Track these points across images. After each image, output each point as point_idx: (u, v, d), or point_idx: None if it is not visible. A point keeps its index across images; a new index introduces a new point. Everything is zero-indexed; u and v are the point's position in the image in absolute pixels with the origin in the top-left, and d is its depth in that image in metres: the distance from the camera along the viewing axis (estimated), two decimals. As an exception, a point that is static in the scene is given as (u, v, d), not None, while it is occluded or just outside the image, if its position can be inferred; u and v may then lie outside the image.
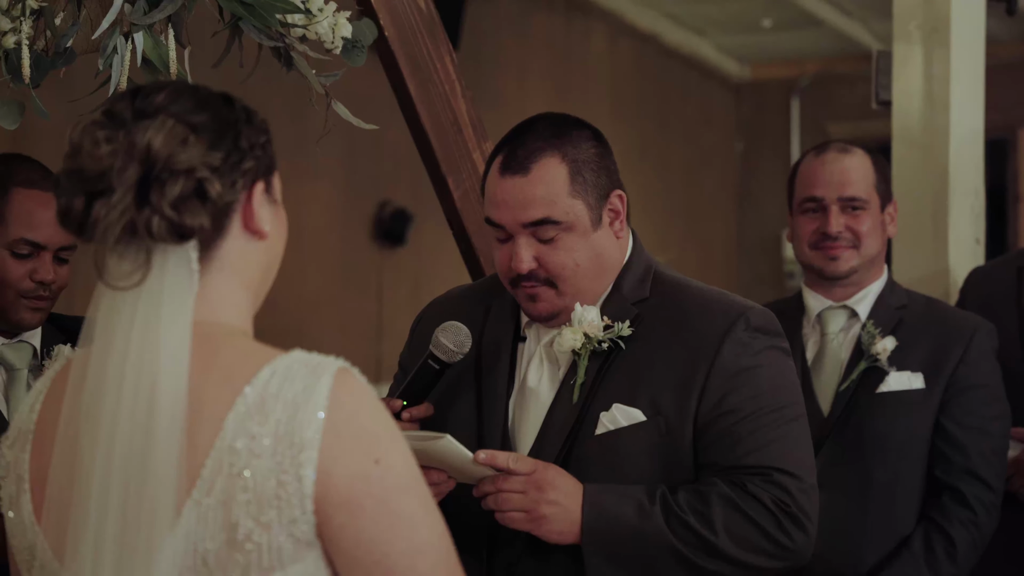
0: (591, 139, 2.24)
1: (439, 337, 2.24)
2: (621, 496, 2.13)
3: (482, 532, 2.21)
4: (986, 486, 2.89)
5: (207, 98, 1.53)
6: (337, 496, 1.45)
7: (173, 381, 1.45)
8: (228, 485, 1.44)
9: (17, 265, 2.57)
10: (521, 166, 2.19)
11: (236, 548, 1.44)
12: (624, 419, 2.17)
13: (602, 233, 2.23)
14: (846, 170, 3.01)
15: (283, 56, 2.34)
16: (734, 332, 2.18)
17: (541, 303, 2.23)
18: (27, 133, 3.16)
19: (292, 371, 1.47)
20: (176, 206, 1.45)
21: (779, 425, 2.16)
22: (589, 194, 2.20)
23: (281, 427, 1.44)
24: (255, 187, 1.55)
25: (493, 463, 2.12)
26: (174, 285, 1.48)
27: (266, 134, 1.58)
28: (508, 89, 7.18)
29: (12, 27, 2.16)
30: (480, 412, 2.27)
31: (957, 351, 2.93)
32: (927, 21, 3.61)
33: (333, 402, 1.46)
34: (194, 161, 1.47)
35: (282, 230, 1.61)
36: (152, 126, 1.47)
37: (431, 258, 6.68)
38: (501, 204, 2.20)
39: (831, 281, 3.03)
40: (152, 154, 1.46)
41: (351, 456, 1.45)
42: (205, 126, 1.50)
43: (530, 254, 2.19)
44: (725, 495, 2.12)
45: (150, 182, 1.45)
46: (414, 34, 2.77)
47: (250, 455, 1.44)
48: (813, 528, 2.16)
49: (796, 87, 9.04)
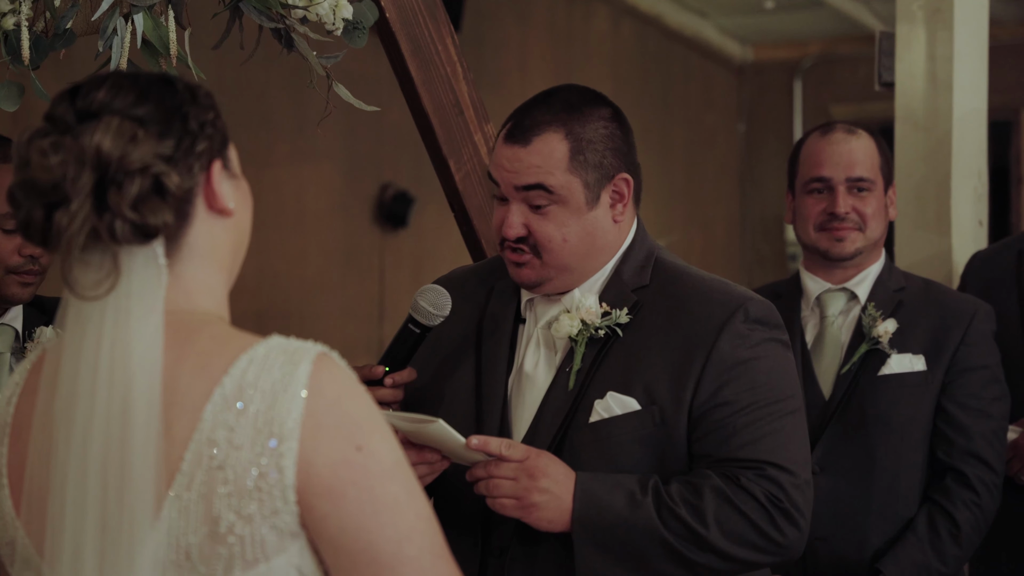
0: (606, 118, 2.23)
1: (418, 300, 2.25)
2: (613, 486, 2.12)
3: (477, 514, 2.21)
4: (988, 467, 2.89)
5: (148, 86, 1.49)
6: (319, 485, 1.43)
7: (146, 380, 1.43)
8: (208, 478, 1.42)
9: (6, 240, 2.57)
10: (524, 136, 2.20)
11: (219, 541, 1.43)
12: (618, 407, 2.16)
13: (598, 214, 2.22)
14: (853, 151, 3.00)
15: (284, 38, 2.34)
16: (732, 323, 2.16)
17: (525, 269, 2.23)
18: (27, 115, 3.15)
19: (270, 359, 1.45)
20: (136, 207, 1.43)
21: (774, 419, 2.15)
22: (588, 173, 2.20)
23: (260, 418, 1.42)
24: (213, 166, 1.52)
25: (485, 448, 2.11)
26: (143, 283, 1.45)
27: (213, 109, 1.54)
28: (509, 71, 7.16)
29: (11, 8, 2.15)
30: (479, 393, 2.26)
31: (957, 333, 2.93)
32: (930, 2, 3.60)
33: (312, 389, 1.44)
34: (147, 157, 1.44)
35: (246, 203, 1.59)
36: (99, 128, 1.44)
37: (432, 240, 6.68)
38: (499, 167, 2.23)
39: (834, 263, 3.02)
40: (103, 157, 1.43)
41: (332, 444, 1.43)
42: (151, 117, 1.46)
43: (520, 220, 2.20)
44: (718, 488, 2.11)
45: (106, 186, 1.42)
46: (415, 16, 2.76)
47: (229, 447, 1.42)
48: (806, 524, 2.15)
49: (798, 68, 9.02)
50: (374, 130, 6.27)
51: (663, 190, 8.37)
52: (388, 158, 6.59)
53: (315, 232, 6.19)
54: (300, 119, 5.93)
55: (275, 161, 5.93)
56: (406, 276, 6.61)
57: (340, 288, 6.35)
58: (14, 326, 2.65)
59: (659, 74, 8.49)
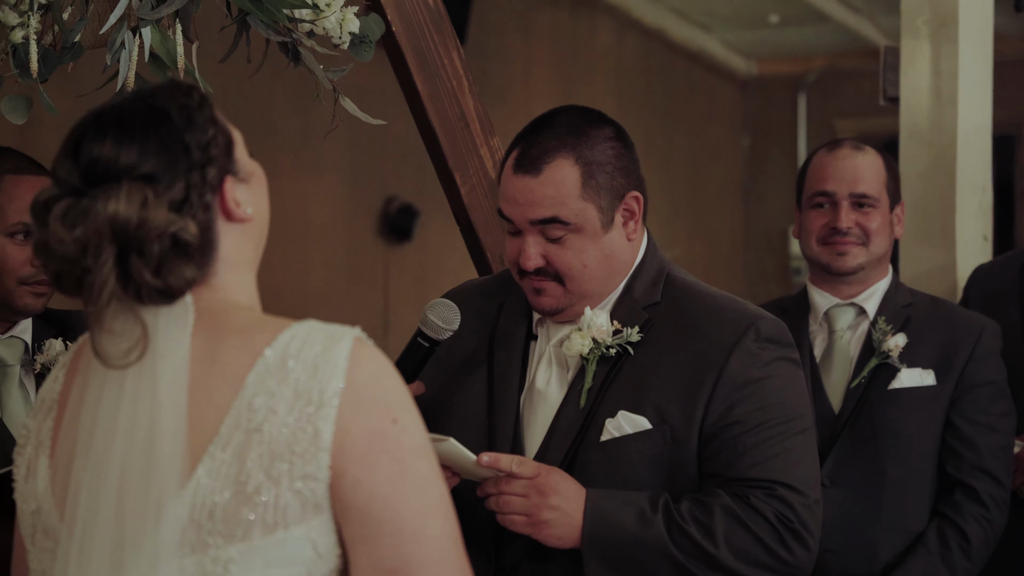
0: (611, 138, 2.22)
1: (427, 314, 2.25)
2: (623, 503, 2.12)
3: (489, 532, 2.21)
4: (997, 482, 2.90)
5: (147, 129, 1.50)
6: (354, 451, 1.46)
7: (173, 399, 1.46)
8: (245, 439, 1.46)
9: (17, 251, 2.58)
10: (534, 165, 2.17)
11: (244, 502, 1.45)
12: (630, 427, 2.16)
13: (613, 235, 2.21)
14: (859, 167, 3.01)
15: (290, 51, 2.34)
16: (743, 342, 2.16)
17: (546, 298, 2.22)
18: (34, 127, 3.16)
19: (312, 335, 1.49)
20: (159, 272, 1.46)
21: (785, 438, 2.14)
22: (601, 197, 2.18)
23: (301, 384, 1.46)
24: (224, 184, 1.54)
25: (496, 466, 2.11)
26: (169, 321, 1.48)
27: (211, 122, 1.54)
28: (514, 84, 7.17)
29: (20, 22, 2.16)
30: (491, 410, 2.26)
31: (966, 349, 2.94)
32: (935, 17, 3.60)
33: (352, 363, 1.48)
34: (161, 220, 1.46)
35: (263, 196, 1.61)
36: (111, 198, 1.45)
37: (437, 253, 6.69)
38: (511, 200, 2.20)
39: (837, 277, 3.03)
40: (119, 229, 1.44)
41: (369, 413, 1.47)
42: (158, 169, 1.48)
43: (538, 251, 2.19)
44: (728, 507, 2.11)
45: (128, 255, 1.45)
46: (421, 29, 2.77)
47: (268, 411, 1.46)
48: (815, 544, 2.15)
49: (803, 83, 9.03)
50: (379, 143, 6.28)
51: (666, 204, 8.37)
52: (393, 171, 6.60)
53: (319, 245, 6.20)
54: (305, 132, 5.94)
55: (280, 174, 5.94)
56: (410, 289, 6.62)
57: (344, 301, 6.36)
58: (24, 338, 2.66)
59: (663, 88, 8.50)
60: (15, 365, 2.64)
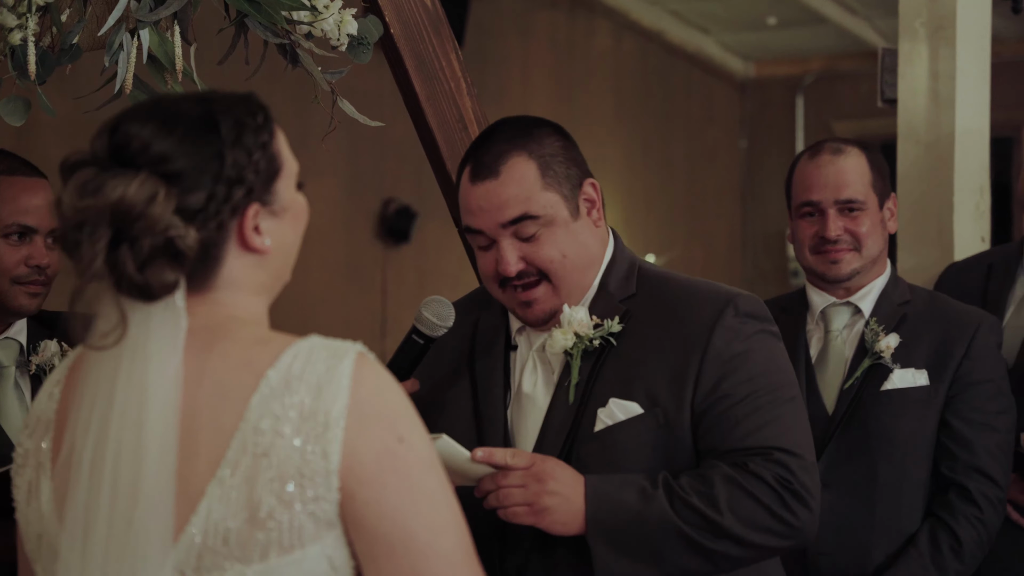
0: (554, 134, 2.25)
1: (422, 311, 2.25)
2: (623, 483, 2.13)
3: (492, 536, 2.21)
4: (992, 482, 2.89)
5: (188, 131, 1.50)
6: (362, 472, 1.46)
7: (162, 415, 1.46)
8: (253, 463, 1.45)
9: (12, 251, 2.59)
10: (490, 170, 2.19)
11: (258, 526, 1.45)
12: (622, 413, 2.18)
13: (582, 223, 2.23)
14: (841, 172, 2.98)
15: (288, 53, 2.34)
16: (724, 319, 2.19)
17: (537, 306, 2.23)
18: (33, 129, 3.16)
19: (314, 354, 1.49)
20: (142, 268, 1.45)
21: (775, 406, 2.17)
22: (562, 185, 2.21)
23: (306, 407, 1.46)
24: (248, 211, 1.53)
25: (491, 460, 2.11)
26: (161, 323, 1.48)
27: (260, 147, 1.53)
28: (512, 86, 7.18)
29: (18, 24, 2.16)
30: (479, 425, 2.27)
31: (961, 346, 2.93)
32: (932, 19, 3.60)
33: (356, 382, 1.48)
34: (162, 218, 1.45)
35: (290, 231, 1.60)
36: (122, 182, 1.45)
37: (435, 255, 6.69)
38: (477, 210, 2.20)
39: (832, 283, 3.03)
40: (120, 213, 1.44)
41: (376, 433, 1.47)
42: (182, 171, 1.48)
43: (515, 255, 2.20)
44: (728, 475, 2.12)
45: (120, 241, 1.45)
46: (420, 31, 2.77)
47: (275, 435, 1.46)
48: (816, 505, 2.16)
49: (801, 85, 9.04)
50: (377, 145, 6.28)
51: (664, 206, 8.38)
52: (391, 173, 6.60)
53: (317, 247, 6.20)
54: (304, 134, 5.93)
55: (278, 175, 5.93)
56: (408, 291, 6.62)
57: (342, 302, 6.36)
58: (19, 339, 2.66)
59: (661, 90, 8.51)
60: (10, 366, 2.64)
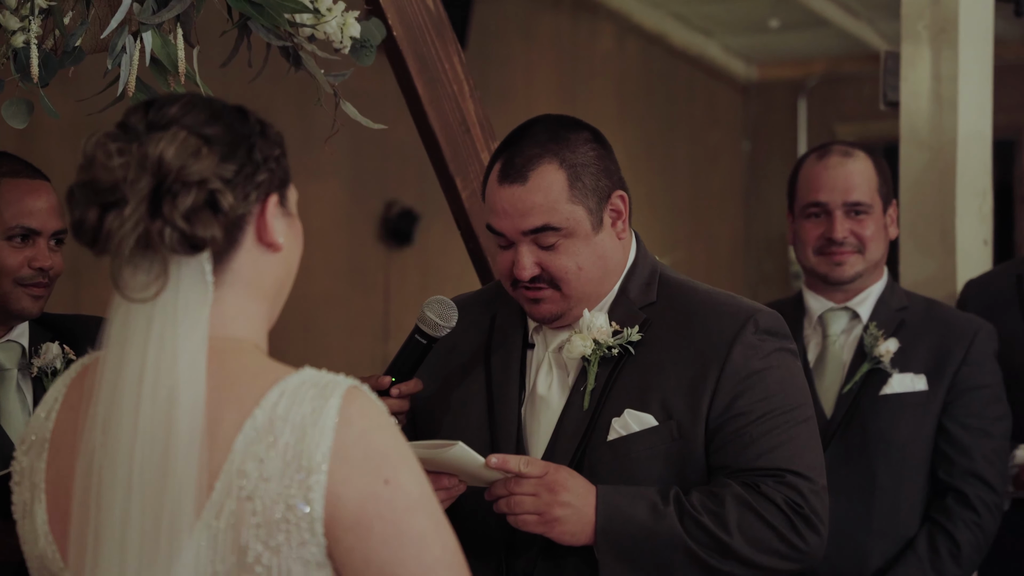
0: (589, 141, 2.23)
1: (424, 311, 2.25)
2: (634, 497, 2.13)
3: (499, 540, 2.21)
4: (989, 487, 2.89)
5: (221, 111, 1.53)
6: (347, 518, 1.44)
7: (191, 395, 1.45)
8: (238, 508, 1.44)
9: (15, 253, 2.59)
10: (519, 174, 2.18)
11: (246, 570, 1.44)
12: (636, 424, 2.17)
13: (604, 236, 2.22)
14: (850, 174, 3.00)
15: (291, 55, 2.34)
16: (744, 335, 2.18)
17: (544, 305, 2.22)
18: (35, 132, 3.16)
19: (301, 392, 1.46)
20: (188, 217, 1.45)
21: (790, 427, 2.17)
22: (589, 198, 2.19)
23: (290, 451, 1.44)
24: (269, 200, 1.54)
25: (505, 467, 2.11)
26: (189, 297, 1.47)
27: (280, 147, 1.57)
28: (515, 89, 7.18)
29: (21, 26, 2.16)
30: (492, 421, 2.26)
31: (959, 353, 2.93)
32: (935, 21, 3.60)
33: (342, 423, 1.45)
34: (206, 172, 1.47)
35: (297, 242, 1.61)
36: (164, 137, 1.46)
37: (438, 258, 6.69)
38: (501, 213, 2.20)
39: (835, 286, 3.03)
40: (164, 165, 1.45)
41: (360, 478, 1.45)
42: (218, 138, 1.49)
43: (531, 260, 2.19)
44: (739, 496, 2.13)
45: (162, 193, 1.45)
46: (422, 34, 2.77)
47: (259, 479, 1.44)
48: (825, 529, 2.17)
49: (803, 87, 9.04)
50: (380, 148, 6.28)
51: (667, 208, 8.38)
52: (394, 175, 6.60)
53: (320, 249, 6.20)
54: (306, 136, 5.94)
55: (281, 178, 5.93)
56: (411, 293, 6.62)
57: (345, 305, 6.36)
58: (21, 342, 2.67)
59: (664, 92, 8.51)
60: (12, 369, 2.65)
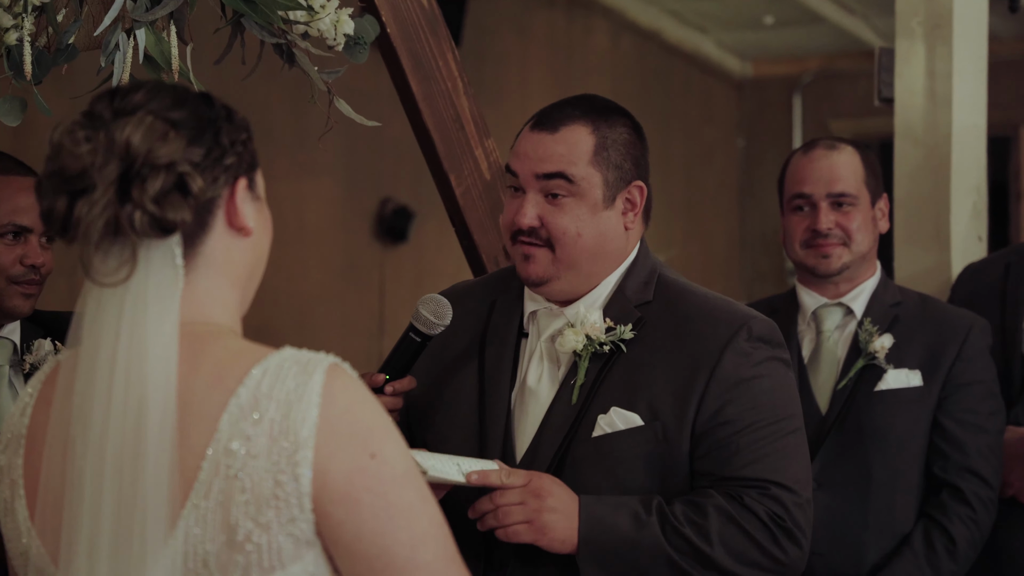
0: (629, 127, 2.28)
1: (419, 309, 2.25)
2: (616, 506, 2.13)
3: (478, 532, 2.20)
4: (984, 483, 2.90)
5: (186, 96, 1.53)
6: (335, 492, 1.45)
7: (162, 381, 1.45)
8: (226, 487, 1.44)
9: (6, 251, 2.60)
10: (552, 124, 2.23)
11: (236, 549, 1.44)
12: (622, 423, 2.17)
13: (611, 215, 2.24)
14: (834, 166, 3.00)
15: (285, 53, 2.34)
16: (736, 342, 2.17)
17: (534, 264, 2.23)
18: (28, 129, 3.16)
19: (283, 369, 1.47)
20: (158, 200, 1.45)
21: (777, 438, 2.16)
22: (609, 171, 2.22)
23: (275, 427, 1.45)
24: (237, 184, 1.55)
25: (486, 482, 2.11)
26: (159, 282, 1.47)
27: (247, 132, 1.57)
28: (510, 86, 7.18)
29: (14, 24, 2.16)
30: (482, 408, 2.26)
31: (953, 348, 2.94)
32: (929, 18, 3.60)
33: (326, 398, 1.46)
34: (175, 155, 1.47)
35: (267, 227, 1.62)
36: (131, 122, 1.47)
37: (433, 255, 6.69)
38: (522, 154, 2.24)
39: (823, 279, 3.03)
40: (131, 150, 1.45)
41: (347, 452, 1.46)
42: (184, 122, 1.49)
43: (535, 211, 2.21)
44: (721, 507, 2.12)
45: (131, 178, 1.45)
46: (416, 31, 2.77)
47: (246, 456, 1.44)
48: (807, 543, 2.17)
49: (798, 84, 9.04)
50: (374, 145, 6.28)
51: (662, 205, 8.37)
52: (388, 173, 6.60)
53: (315, 246, 6.20)
54: (300, 134, 5.94)
55: (275, 176, 5.93)
56: (406, 291, 6.61)
57: (340, 302, 6.36)
58: (12, 339, 2.67)
59: (659, 89, 8.51)
60: (4, 366, 2.65)
